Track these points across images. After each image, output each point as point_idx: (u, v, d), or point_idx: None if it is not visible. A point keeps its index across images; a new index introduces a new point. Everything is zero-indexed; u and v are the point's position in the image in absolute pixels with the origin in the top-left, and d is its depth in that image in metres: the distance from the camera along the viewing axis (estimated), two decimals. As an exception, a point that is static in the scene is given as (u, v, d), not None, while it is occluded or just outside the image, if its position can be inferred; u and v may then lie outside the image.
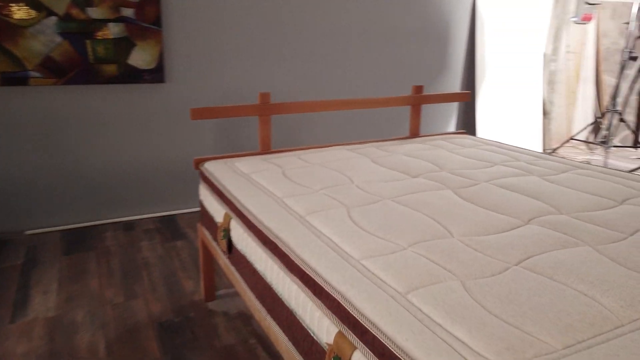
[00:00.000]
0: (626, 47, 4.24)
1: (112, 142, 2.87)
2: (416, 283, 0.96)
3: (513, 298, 0.89)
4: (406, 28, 3.62)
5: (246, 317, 1.98)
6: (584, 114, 5.04)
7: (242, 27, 3.06)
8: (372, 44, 3.52)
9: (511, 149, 2.16)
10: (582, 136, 4.83)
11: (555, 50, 4.72)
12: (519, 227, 1.26)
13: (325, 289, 1.00)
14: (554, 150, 4.64)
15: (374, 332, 0.84)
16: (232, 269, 1.60)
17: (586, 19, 4.75)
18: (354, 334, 0.90)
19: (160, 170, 3.04)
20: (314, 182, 1.62)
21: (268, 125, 2.06)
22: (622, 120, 4.34)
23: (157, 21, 2.79)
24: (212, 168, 1.84)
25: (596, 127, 4.90)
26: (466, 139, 2.37)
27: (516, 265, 1.04)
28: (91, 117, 2.79)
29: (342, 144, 2.22)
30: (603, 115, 4.79)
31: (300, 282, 1.10)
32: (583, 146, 4.97)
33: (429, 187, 1.57)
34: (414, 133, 2.43)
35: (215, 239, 1.79)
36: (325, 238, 1.20)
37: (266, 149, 2.09)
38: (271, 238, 1.25)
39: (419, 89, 2.38)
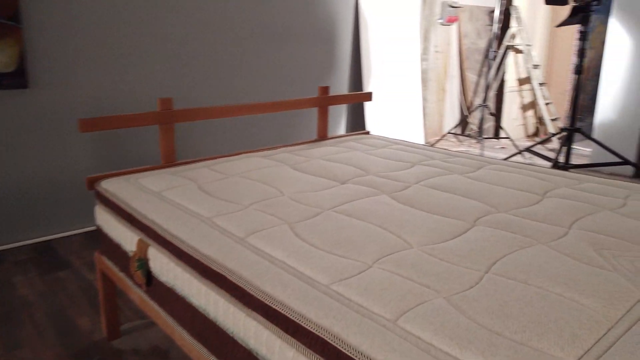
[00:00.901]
0: (491, 48, 4.64)
1: (-37, 161, 2.39)
2: (402, 306, 0.87)
3: (507, 311, 0.85)
4: (294, 28, 3.55)
5: (161, 352, 1.75)
6: (452, 108, 5.43)
7: (121, 25, 2.73)
8: (261, 45, 3.39)
9: (419, 147, 2.20)
10: (453, 129, 5.20)
11: (425, 49, 5.01)
12: (468, 229, 1.24)
13: (302, 324, 0.87)
14: (433, 144, 4.92)
15: (380, 373, 0.74)
16: (153, 304, 1.38)
17: (451, 21, 5.10)
18: (351, 376, 0.78)
19: (28, 190, 2.60)
20: (240, 197, 1.47)
21: (171, 134, 1.84)
22: (491, 114, 4.74)
23: (16, 16, 2.36)
24: (113, 187, 1.58)
25: (463, 120, 5.30)
26: (373, 138, 2.36)
27: (487, 272, 1.01)
28: None
29: (253, 151, 2.07)
30: (469, 110, 5.20)
31: (262, 319, 0.96)
32: (454, 139, 5.35)
33: (363, 194, 1.50)
34: (322, 135, 2.36)
35: (123, 270, 1.54)
36: (279, 263, 1.06)
37: (170, 161, 1.87)
38: (214, 268, 1.08)
39: (325, 90, 2.32)
